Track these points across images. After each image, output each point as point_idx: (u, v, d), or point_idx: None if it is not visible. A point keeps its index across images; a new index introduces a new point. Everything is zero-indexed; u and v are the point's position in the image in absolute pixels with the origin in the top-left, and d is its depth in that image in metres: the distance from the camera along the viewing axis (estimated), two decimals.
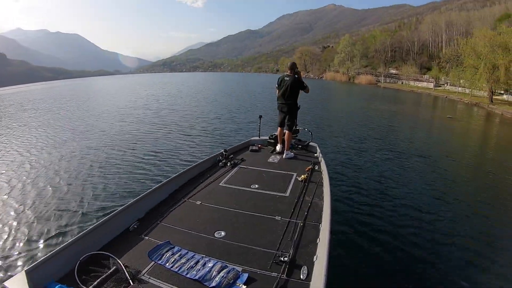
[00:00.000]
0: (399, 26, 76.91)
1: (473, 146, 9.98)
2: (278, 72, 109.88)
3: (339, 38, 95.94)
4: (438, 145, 9.36)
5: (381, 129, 11.75)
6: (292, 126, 4.69)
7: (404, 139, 10.07)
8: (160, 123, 12.63)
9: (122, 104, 20.90)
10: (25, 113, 18.13)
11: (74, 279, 1.81)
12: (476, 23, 45.01)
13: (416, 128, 12.76)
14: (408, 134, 11.16)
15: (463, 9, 62.18)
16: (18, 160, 7.83)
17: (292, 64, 4.69)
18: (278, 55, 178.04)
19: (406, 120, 14.33)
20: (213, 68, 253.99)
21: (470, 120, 15.61)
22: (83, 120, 14.14)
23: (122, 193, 5.31)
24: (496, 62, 19.57)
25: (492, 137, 11.76)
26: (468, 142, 10.66)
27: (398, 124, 13.23)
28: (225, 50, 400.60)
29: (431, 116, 16.29)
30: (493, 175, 6.72)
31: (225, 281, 1.80)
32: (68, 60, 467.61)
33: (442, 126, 13.04)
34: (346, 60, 56.98)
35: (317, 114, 15.11)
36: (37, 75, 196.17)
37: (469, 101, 23.18)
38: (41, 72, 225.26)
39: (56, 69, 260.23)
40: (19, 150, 8.92)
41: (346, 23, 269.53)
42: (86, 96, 30.20)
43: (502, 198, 5.44)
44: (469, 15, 50.67)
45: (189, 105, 19.07)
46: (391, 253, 3.54)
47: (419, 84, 40.63)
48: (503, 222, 4.53)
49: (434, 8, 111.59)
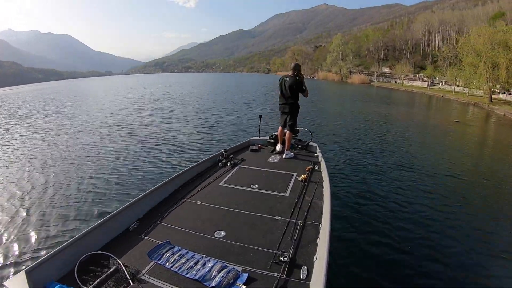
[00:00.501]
0: (391, 25, 76.58)
1: (495, 157, 8.26)
2: (270, 72, 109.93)
3: (331, 37, 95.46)
4: (450, 155, 8.06)
5: (383, 132, 10.68)
6: (293, 126, 4.67)
7: (410, 146, 8.92)
8: (160, 123, 12.52)
9: (116, 104, 20.79)
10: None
11: (74, 279, 1.81)
12: (470, 22, 45.00)
13: (422, 133, 11.28)
14: (414, 140, 9.85)
15: (455, 8, 61.62)
16: (16, 161, 7.74)
17: (295, 65, 4.62)
18: (270, 55, 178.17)
19: (410, 125, 12.76)
20: (205, 68, 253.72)
21: (480, 125, 13.77)
22: (82, 121, 14.05)
23: (122, 193, 5.27)
24: (497, 60, 18.41)
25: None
26: (486, 151, 9.13)
27: (401, 128, 11.80)
28: (217, 50, 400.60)
29: (435, 119, 14.35)
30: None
31: (225, 281, 1.79)
32: (60, 61, 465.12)
33: (453, 132, 11.28)
34: (338, 59, 55.76)
35: (312, 116, 14.05)
36: (28, 77, 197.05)
37: (467, 101, 22.01)
38: (32, 73, 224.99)
39: (47, 70, 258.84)
40: (14, 153, 8.72)
41: (338, 22, 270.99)
42: (76, 97, 29.33)
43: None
44: (462, 14, 50.08)
45: (189, 105, 18.87)
46: (391, 253, 3.50)
47: (413, 84, 39.62)
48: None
49: (425, 8, 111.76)
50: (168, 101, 21.59)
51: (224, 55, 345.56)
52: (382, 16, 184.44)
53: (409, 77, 41.82)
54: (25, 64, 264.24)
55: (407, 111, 17.91)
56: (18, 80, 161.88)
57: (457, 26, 46.98)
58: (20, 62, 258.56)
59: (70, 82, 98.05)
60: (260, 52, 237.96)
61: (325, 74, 57.71)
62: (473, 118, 15.52)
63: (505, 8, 43.81)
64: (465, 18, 47.55)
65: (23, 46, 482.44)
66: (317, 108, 16.81)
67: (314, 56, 70.69)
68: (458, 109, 18.86)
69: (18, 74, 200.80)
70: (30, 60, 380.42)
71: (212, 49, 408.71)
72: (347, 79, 50.25)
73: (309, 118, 13.07)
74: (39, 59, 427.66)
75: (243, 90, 32.53)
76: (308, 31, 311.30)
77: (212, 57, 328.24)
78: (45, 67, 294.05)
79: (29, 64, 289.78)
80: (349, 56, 54.40)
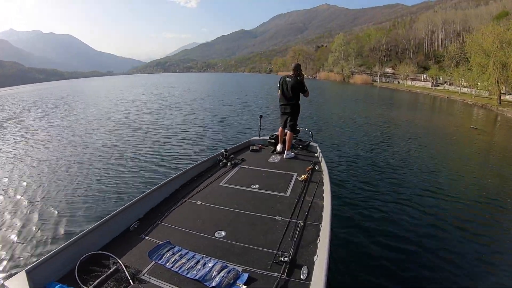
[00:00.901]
0: (393, 25, 75.80)
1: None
2: (272, 72, 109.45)
3: (332, 37, 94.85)
4: (472, 166, 7.23)
5: (387, 136, 10.17)
6: (294, 126, 4.66)
7: (418, 151, 8.29)
8: (160, 123, 12.39)
9: (118, 105, 20.51)
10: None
11: (74, 279, 1.81)
12: (473, 21, 44.44)
13: (433, 139, 10.05)
14: (423, 145, 9.02)
15: (458, 8, 60.99)
16: (16, 161, 7.68)
17: (296, 65, 4.59)
18: (271, 55, 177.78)
19: (418, 129, 11.86)
20: (206, 68, 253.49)
21: (502, 133, 12.12)
22: (83, 121, 13.89)
23: (123, 193, 5.23)
24: (507, 60, 17.80)
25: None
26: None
27: (409, 132, 11.10)
28: (218, 50, 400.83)
29: (447, 124, 13.23)
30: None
31: (225, 281, 1.79)
32: (61, 61, 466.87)
33: (472, 141, 9.92)
34: (340, 59, 55.24)
35: (313, 117, 13.65)
36: (29, 77, 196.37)
37: (473, 103, 21.46)
38: (33, 73, 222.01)
39: (48, 70, 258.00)
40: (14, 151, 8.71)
41: (339, 23, 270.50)
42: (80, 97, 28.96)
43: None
44: (465, 13, 49.44)
45: (188, 105, 18.70)
46: (392, 253, 3.46)
47: (416, 84, 39.12)
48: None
49: (427, 8, 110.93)
50: (165, 101, 21.43)
51: (225, 55, 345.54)
52: (384, 16, 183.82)
53: (412, 78, 41.26)
54: (27, 64, 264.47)
55: (413, 114, 17.25)
56: (19, 80, 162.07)
57: (461, 26, 46.46)
58: (22, 62, 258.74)
59: (70, 82, 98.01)
60: (261, 52, 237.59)
61: (327, 74, 57.21)
62: (487, 123, 14.30)
63: (508, 7, 43.26)
64: (468, 17, 47.05)
65: (25, 46, 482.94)
66: (317, 109, 16.48)
67: (316, 56, 70.22)
68: (467, 112, 18.24)
69: (19, 74, 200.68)
70: (32, 60, 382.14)
71: (214, 49, 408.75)
72: (349, 79, 49.71)
73: (309, 118, 12.82)
74: (40, 59, 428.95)
75: (242, 92, 32.16)
76: (309, 31, 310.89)
77: (213, 57, 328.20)
78: (47, 67, 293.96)
79: (31, 64, 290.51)
80: (351, 56, 53.89)
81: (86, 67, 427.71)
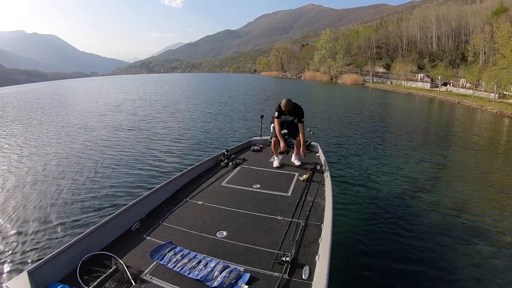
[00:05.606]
0: (380, 24, 72.22)
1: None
2: (256, 72, 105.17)
3: (318, 37, 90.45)
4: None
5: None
6: (303, 130, 4.24)
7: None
8: (160, 123, 12.27)
9: (116, 104, 20.23)
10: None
11: (76, 279, 1.82)
12: (470, 18, 41.12)
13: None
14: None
15: (448, 6, 57.81)
16: (19, 161, 7.49)
17: (287, 102, 3.98)
18: (256, 54, 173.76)
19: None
20: (191, 68, 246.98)
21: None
22: (83, 120, 13.85)
23: (124, 193, 5.17)
24: None
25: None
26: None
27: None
28: (203, 50, 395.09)
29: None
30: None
31: (227, 281, 1.79)
32: (45, 62, 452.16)
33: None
34: (327, 57, 50.47)
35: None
36: (11, 78, 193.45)
37: (498, 111, 16.81)
38: (15, 75, 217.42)
39: (30, 71, 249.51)
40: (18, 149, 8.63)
41: (325, 22, 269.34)
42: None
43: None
44: (461, 9, 45.86)
45: (188, 106, 18.60)
46: (394, 253, 3.40)
47: (413, 85, 34.72)
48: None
49: (412, 8, 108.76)
50: (158, 103, 20.53)
51: (210, 55, 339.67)
52: (369, 16, 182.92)
53: (408, 78, 36.84)
54: (10, 65, 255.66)
55: (426, 126, 12.30)
56: (1, 82, 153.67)
57: (457, 22, 42.87)
58: (4, 63, 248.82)
59: (54, 83, 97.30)
60: (246, 52, 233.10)
61: (312, 74, 52.53)
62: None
63: (506, 4, 40.16)
64: (463, 13, 43.58)
65: (8, 47, 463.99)
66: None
67: (301, 54, 65.20)
68: (502, 126, 13.38)
69: (1, 76, 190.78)
70: (15, 60, 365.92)
71: (199, 49, 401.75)
72: (337, 80, 45.02)
73: (308, 119, 9.89)
74: (24, 59, 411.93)
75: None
76: (294, 31, 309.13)
77: (198, 57, 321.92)
78: (30, 68, 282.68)
79: (14, 65, 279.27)
80: (339, 54, 49.05)
81: (70, 68, 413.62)
